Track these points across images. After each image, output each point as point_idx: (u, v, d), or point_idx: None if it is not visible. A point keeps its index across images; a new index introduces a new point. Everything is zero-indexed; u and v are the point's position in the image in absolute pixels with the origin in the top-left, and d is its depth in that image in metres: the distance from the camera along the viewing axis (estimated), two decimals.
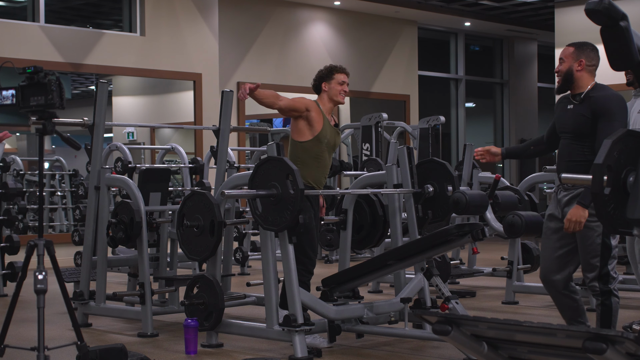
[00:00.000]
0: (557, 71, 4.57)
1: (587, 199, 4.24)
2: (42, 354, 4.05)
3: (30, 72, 3.77)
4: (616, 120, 4.30)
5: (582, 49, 4.53)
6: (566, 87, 4.51)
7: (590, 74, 4.49)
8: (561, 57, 4.55)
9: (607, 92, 4.41)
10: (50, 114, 3.89)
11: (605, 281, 4.39)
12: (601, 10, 2.67)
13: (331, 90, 5.65)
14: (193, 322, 5.14)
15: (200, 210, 5.31)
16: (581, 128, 4.39)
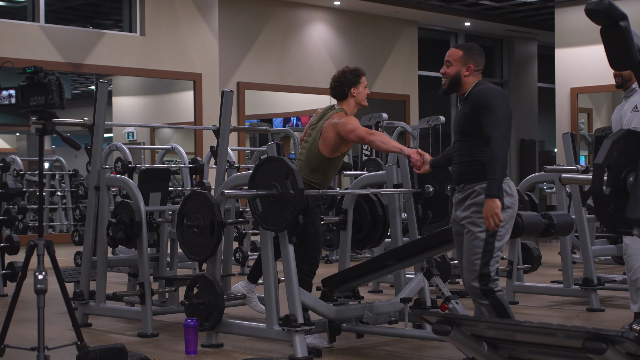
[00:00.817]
0: (442, 73, 4.40)
1: (492, 188, 4.12)
2: (42, 354, 4.05)
3: (30, 72, 3.77)
4: (497, 108, 4.18)
5: (471, 53, 4.38)
6: (452, 90, 4.39)
7: (476, 77, 4.37)
8: (448, 60, 4.38)
9: (484, 86, 4.31)
10: (50, 114, 3.89)
11: (485, 281, 4.21)
12: (601, 10, 2.67)
13: (359, 95, 5.46)
14: (193, 322, 5.14)
15: (200, 210, 5.31)
16: (465, 127, 4.30)
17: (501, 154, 4.14)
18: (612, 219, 2.77)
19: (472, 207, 4.25)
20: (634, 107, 5.56)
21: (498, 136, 4.15)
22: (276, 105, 14.96)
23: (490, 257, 4.21)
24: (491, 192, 4.13)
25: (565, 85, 13.79)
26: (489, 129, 4.17)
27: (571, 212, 7.23)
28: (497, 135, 4.15)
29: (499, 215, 4.13)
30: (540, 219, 6.51)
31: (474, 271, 4.22)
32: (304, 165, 5.42)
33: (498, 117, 4.17)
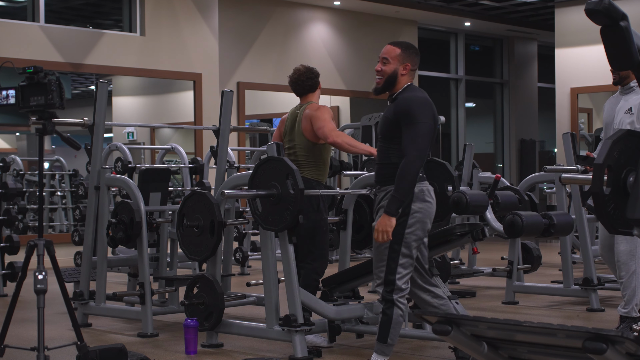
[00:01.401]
0: (378, 70, 4.32)
1: (391, 206, 4.08)
2: (42, 354, 4.05)
3: (30, 72, 3.77)
4: (419, 122, 4.10)
5: (409, 52, 4.33)
6: (387, 89, 4.30)
7: (410, 77, 4.32)
8: (385, 57, 4.33)
9: (412, 93, 4.21)
10: (50, 114, 3.89)
11: (390, 289, 4.15)
12: (601, 10, 2.67)
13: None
14: (193, 322, 5.14)
15: (200, 210, 5.31)
16: (386, 130, 4.22)
17: (412, 172, 4.09)
18: (612, 219, 2.77)
19: (380, 212, 4.21)
20: (628, 109, 5.49)
21: (413, 155, 4.09)
22: (276, 105, 14.95)
23: (396, 265, 4.15)
24: (389, 210, 4.09)
25: (565, 85, 13.79)
26: (406, 143, 4.11)
27: (571, 212, 7.23)
28: (413, 153, 4.09)
29: (389, 234, 4.09)
30: (540, 219, 6.52)
31: (379, 277, 4.21)
32: (307, 163, 5.50)
33: (418, 133, 4.10)
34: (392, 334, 4.19)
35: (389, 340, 4.20)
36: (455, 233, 4.87)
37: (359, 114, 12.21)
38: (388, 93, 4.32)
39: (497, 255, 8.82)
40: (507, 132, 17.28)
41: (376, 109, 11.15)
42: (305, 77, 5.84)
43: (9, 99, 3.65)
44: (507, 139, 17.27)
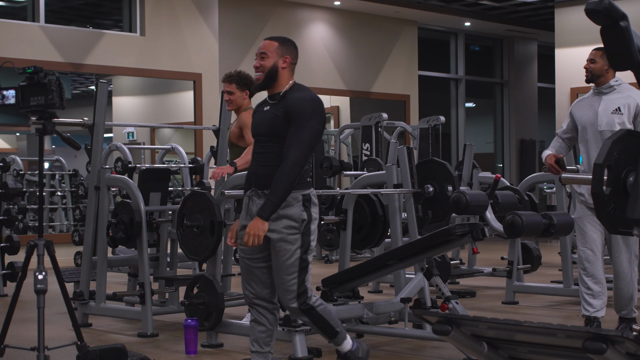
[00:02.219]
0: (257, 67, 4.13)
1: (266, 210, 3.89)
2: (42, 354, 4.05)
3: (30, 72, 3.77)
4: (309, 127, 3.93)
5: (287, 45, 4.16)
6: (268, 84, 4.10)
7: (291, 72, 4.14)
8: (263, 52, 4.14)
9: (304, 94, 4.04)
10: (50, 114, 3.89)
11: (304, 299, 4.01)
12: (601, 10, 2.67)
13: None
14: (193, 322, 5.14)
15: (200, 210, 5.31)
16: (278, 129, 3.98)
17: (293, 177, 3.91)
18: (612, 219, 2.77)
19: (282, 221, 3.97)
20: (615, 109, 5.29)
21: (296, 158, 3.91)
22: None
23: (306, 273, 4.02)
24: (263, 214, 3.89)
25: (565, 85, 13.79)
26: (291, 145, 3.93)
27: (571, 212, 7.22)
28: (296, 157, 3.91)
29: (261, 238, 3.91)
30: (540, 219, 6.51)
31: (292, 291, 4.00)
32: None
33: (305, 137, 3.92)
34: (333, 323, 4.12)
35: (336, 329, 4.14)
36: (455, 233, 4.87)
37: (359, 114, 12.21)
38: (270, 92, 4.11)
39: (497, 255, 8.82)
40: (507, 132, 17.29)
41: (376, 109, 11.15)
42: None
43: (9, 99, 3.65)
44: (507, 139, 17.27)
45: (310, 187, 4.07)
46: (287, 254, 3.97)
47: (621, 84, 5.45)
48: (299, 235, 3.97)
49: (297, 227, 3.98)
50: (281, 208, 3.95)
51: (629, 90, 5.40)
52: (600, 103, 5.38)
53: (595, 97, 5.46)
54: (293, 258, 3.97)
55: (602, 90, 5.42)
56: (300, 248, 3.97)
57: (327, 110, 15.02)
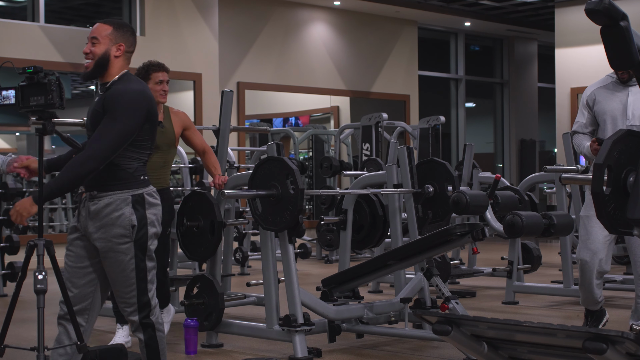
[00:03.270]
0: (87, 52, 3.70)
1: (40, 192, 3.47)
2: (42, 354, 4.05)
3: (30, 72, 3.76)
4: (118, 122, 3.50)
5: (122, 30, 3.80)
6: (98, 73, 3.69)
7: (126, 61, 3.80)
8: (95, 37, 3.70)
9: (126, 85, 3.65)
10: (50, 114, 3.89)
11: (146, 312, 3.69)
12: (601, 10, 2.67)
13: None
14: (193, 322, 5.14)
15: (200, 210, 5.31)
16: (97, 126, 3.58)
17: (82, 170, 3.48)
18: (612, 219, 2.77)
19: (112, 229, 3.56)
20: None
21: (94, 152, 3.49)
22: (276, 105, 14.95)
23: (146, 282, 3.64)
24: (34, 195, 3.48)
25: (565, 85, 13.80)
26: (95, 138, 3.52)
27: (571, 212, 7.23)
28: (95, 150, 3.49)
29: (24, 219, 3.51)
30: (540, 219, 6.52)
31: (132, 304, 3.66)
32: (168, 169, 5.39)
33: (113, 131, 3.50)
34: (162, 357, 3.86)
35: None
36: (455, 233, 4.87)
37: (359, 114, 12.21)
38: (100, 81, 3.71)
39: (497, 255, 8.82)
40: (507, 132, 17.29)
41: (376, 109, 11.15)
42: None
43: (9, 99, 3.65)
44: (507, 139, 17.28)
45: (145, 186, 3.63)
46: (120, 266, 3.58)
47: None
48: (130, 244, 3.55)
49: (127, 234, 3.55)
50: (108, 212, 3.56)
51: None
52: (628, 94, 5.07)
53: (618, 86, 5.12)
54: (128, 270, 3.58)
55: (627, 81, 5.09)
56: (134, 257, 3.55)
57: (327, 110, 15.02)
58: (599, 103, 5.10)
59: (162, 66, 5.29)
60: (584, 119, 5.20)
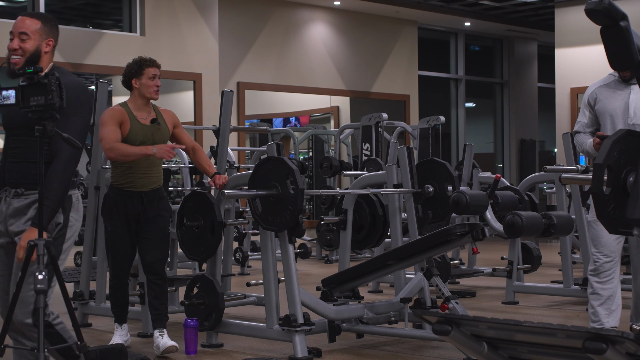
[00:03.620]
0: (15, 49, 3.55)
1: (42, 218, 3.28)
2: (42, 354, 4.04)
3: (30, 72, 3.76)
4: (78, 116, 3.48)
5: (50, 25, 3.63)
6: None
7: (52, 55, 3.68)
8: (23, 32, 3.55)
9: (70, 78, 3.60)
10: (50, 114, 3.89)
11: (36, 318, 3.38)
12: (601, 10, 2.67)
13: (142, 87, 5.15)
14: (193, 322, 5.14)
15: (200, 210, 5.31)
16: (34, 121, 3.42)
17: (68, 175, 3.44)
18: (612, 219, 2.77)
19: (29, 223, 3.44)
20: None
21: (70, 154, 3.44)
22: (276, 105, 14.96)
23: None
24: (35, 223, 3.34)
25: (565, 85, 13.80)
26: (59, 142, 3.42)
27: (571, 212, 7.23)
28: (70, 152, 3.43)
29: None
30: (540, 219, 6.52)
31: (29, 303, 3.43)
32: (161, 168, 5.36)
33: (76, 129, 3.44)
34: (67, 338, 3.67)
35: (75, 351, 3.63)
36: (455, 233, 4.87)
37: (359, 114, 12.21)
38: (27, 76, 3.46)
39: (497, 255, 8.82)
40: (507, 132, 17.29)
41: (376, 109, 11.15)
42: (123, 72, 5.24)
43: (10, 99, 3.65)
44: (507, 139, 17.28)
45: (74, 188, 3.56)
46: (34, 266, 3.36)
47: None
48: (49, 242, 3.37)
49: (50, 229, 3.46)
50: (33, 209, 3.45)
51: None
52: (630, 92, 4.91)
53: (620, 84, 4.95)
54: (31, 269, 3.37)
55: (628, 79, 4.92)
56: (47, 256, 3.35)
57: (327, 110, 15.03)
58: (601, 102, 4.99)
59: (154, 62, 5.22)
60: (585, 119, 5.09)
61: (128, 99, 5.25)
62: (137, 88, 5.18)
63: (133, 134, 5.12)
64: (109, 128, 5.07)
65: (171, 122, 5.33)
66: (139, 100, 5.20)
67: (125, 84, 5.23)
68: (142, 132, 5.15)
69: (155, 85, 5.18)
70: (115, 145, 5.02)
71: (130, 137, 5.11)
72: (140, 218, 5.18)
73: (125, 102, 5.22)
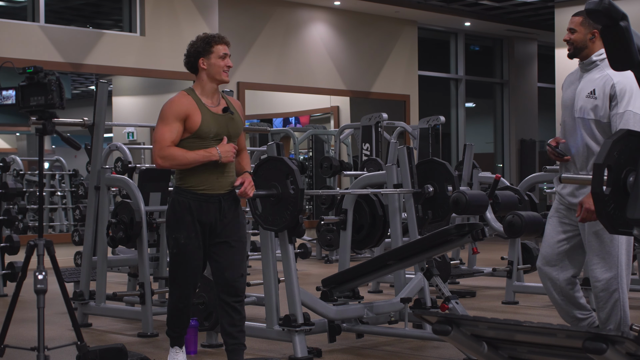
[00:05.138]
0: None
1: None
2: (42, 354, 4.05)
3: (30, 72, 3.77)
4: None
5: None
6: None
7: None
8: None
9: None
10: (50, 114, 3.89)
11: None
12: (601, 10, 2.67)
13: (211, 68, 4.31)
14: (193, 322, 5.14)
15: None
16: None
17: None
18: (612, 219, 2.77)
19: None
20: (590, 92, 4.32)
21: None
22: (276, 105, 14.95)
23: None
24: None
25: None
26: None
27: None
28: None
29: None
30: (540, 219, 6.52)
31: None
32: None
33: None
34: None
35: None
36: (455, 233, 4.87)
37: (358, 114, 12.21)
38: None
39: (497, 255, 8.82)
40: (507, 132, 17.29)
41: (376, 109, 11.15)
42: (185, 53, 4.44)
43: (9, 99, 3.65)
44: (507, 139, 17.28)
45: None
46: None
47: (605, 59, 4.31)
48: None
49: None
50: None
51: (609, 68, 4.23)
52: (580, 82, 4.45)
53: (579, 73, 4.55)
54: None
55: (584, 66, 4.46)
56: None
57: (327, 110, 15.03)
58: (563, 92, 4.63)
59: (224, 38, 4.37)
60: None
61: (193, 84, 4.38)
62: (205, 69, 4.31)
63: (206, 126, 4.26)
64: (166, 127, 4.23)
65: (241, 114, 4.48)
66: (207, 84, 4.33)
67: (190, 65, 4.37)
68: (215, 123, 4.29)
69: (226, 66, 4.34)
70: (169, 153, 4.20)
71: (203, 129, 4.24)
72: (217, 226, 4.34)
73: (190, 88, 4.36)
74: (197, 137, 4.26)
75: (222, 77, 4.32)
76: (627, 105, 4.14)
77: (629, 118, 4.13)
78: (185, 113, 4.23)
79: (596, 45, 4.41)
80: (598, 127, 4.26)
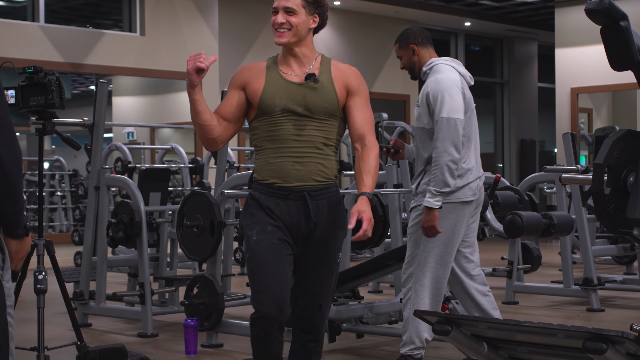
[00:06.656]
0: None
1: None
2: (42, 354, 4.05)
3: (30, 72, 3.77)
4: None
5: None
6: None
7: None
8: None
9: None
10: (50, 114, 3.89)
11: None
12: (601, 10, 2.67)
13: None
14: (193, 322, 5.14)
15: (200, 210, 5.31)
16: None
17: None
18: (612, 219, 2.77)
19: None
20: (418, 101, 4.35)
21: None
22: None
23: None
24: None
25: (565, 85, 13.80)
26: None
27: (571, 212, 7.23)
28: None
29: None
30: (540, 219, 6.53)
31: None
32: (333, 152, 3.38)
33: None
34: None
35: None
36: None
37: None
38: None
39: (497, 255, 8.81)
40: (507, 132, 17.29)
41: (376, 109, 11.14)
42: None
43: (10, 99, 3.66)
44: (507, 139, 17.28)
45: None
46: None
47: (433, 66, 4.37)
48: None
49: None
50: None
51: (434, 74, 4.31)
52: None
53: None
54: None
55: (422, 77, 4.43)
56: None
57: None
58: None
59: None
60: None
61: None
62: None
63: (268, 95, 3.28)
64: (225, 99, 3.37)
65: (343, 83, 3.33)
66: (284, 48, 3.36)
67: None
68: (283, 92, 3.27)
69: (277, 23, 3.29)
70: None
71: (264, 99, 3.27)
72: (302, 234, 3.29)
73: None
74: (262, 112, 3.29)
75: (275, 38, 3.31)
76: (440, 113, 4.22)
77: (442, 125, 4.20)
78: (244, 81, 3.33)
79: (423, 58, 4.43)
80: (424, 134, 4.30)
